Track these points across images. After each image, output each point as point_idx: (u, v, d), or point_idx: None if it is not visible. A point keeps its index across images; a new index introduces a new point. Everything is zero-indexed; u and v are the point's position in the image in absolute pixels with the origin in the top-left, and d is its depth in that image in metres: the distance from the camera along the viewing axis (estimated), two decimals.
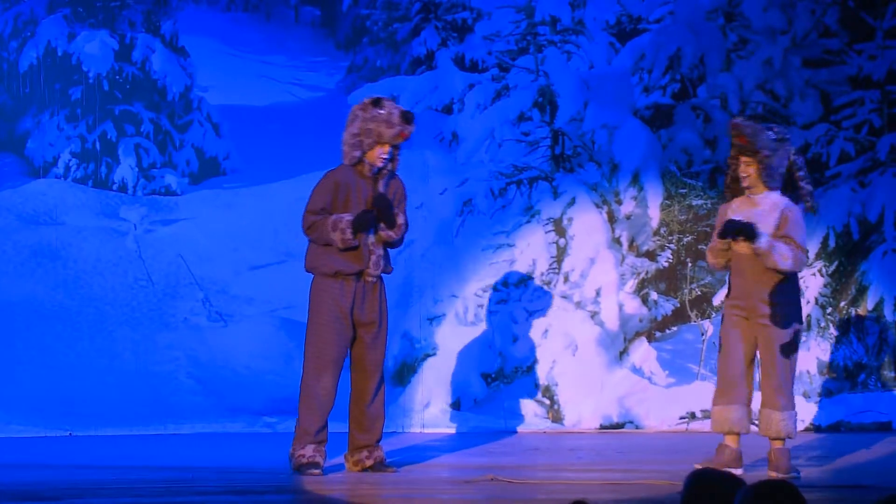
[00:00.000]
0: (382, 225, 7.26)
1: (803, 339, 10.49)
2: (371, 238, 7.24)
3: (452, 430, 10.28)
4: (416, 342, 10.82)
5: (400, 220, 7.32)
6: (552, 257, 10.97)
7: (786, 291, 7.03)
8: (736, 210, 7.17)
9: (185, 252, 12.42)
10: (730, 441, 7.08)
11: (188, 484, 6.85)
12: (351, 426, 7.36)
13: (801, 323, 7.10)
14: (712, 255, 7.26)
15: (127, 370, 10.97)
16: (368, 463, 7.30)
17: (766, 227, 6.98)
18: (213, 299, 11.93)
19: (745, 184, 7.12)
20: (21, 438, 9.90)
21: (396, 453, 8.37)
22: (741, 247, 7.05)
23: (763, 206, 7.08)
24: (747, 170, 7.09)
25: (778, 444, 7.01)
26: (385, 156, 7.29)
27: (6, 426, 10.09)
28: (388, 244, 7.37)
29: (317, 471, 7.14)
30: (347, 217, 7.19)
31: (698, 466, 6.96)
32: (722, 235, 7.07)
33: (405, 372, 10.76)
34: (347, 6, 17.34)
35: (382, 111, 7.28)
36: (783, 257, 6.92)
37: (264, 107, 16.74)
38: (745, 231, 6.96)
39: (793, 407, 7.02)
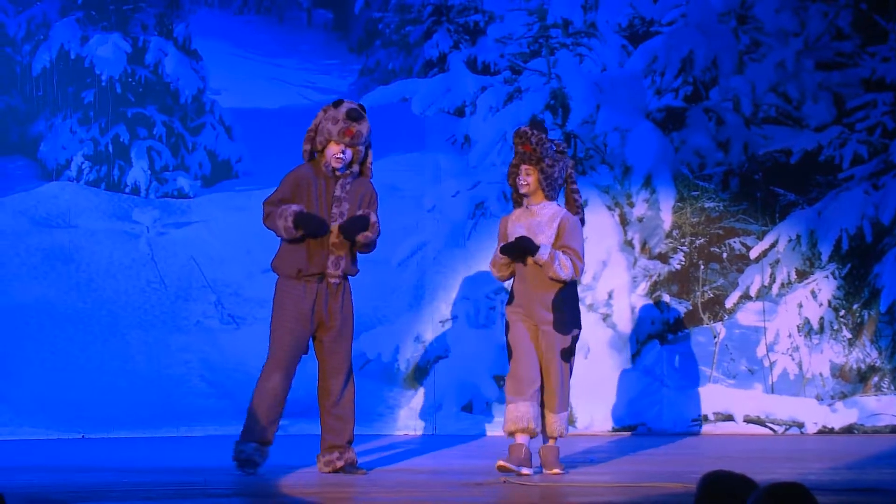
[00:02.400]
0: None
1: (815, 341, 10.50)
2: (332, 240, 7.23)
3: (464, 433, 10.27)
4: (428, 345, 10.82)
5: (373, 218, 7.29)
6: None
7: (566, 298, 7.23)
8: (516, 220, 7.30)
9: (198, 255, 12.42)
10: (522, 439, 7.24)
11: (201, 487, 6.85)
12: (321, 428, 7.40)
13: (580, 328, 7.33)
14: (496, 269, 7.46)
15: (139, 373, 10.98)
16: (339, 464, 7.32)
17: (545, 236, 7.17)
18: (226, 302, 11.93)
19: (523, 191, 7.28)
20: (33, 440, 9.92)
21: (408, 455, 8.38)
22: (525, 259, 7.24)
23: (541, 217, 7.26)
24: (527, 178, 7.23)
25: (551, 443, 7.35)
26: (339, 155, 7.24)
27: (18, 428, 10.11)
28: (364, 246, 7.34)
29: (251, 470, 7.18)
30: (294, 208, 7.20)
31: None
32: (507, 255, 7.23)
33: (417, 374, 10.76)
34: (360, 9, 17.33)
35: (336, 110, 7.29)
36: (563, 268, 7.12)
37: (276, 109, 16.72)
38: (525, 248, 7.11)
39: (566, 408, 7.37)
